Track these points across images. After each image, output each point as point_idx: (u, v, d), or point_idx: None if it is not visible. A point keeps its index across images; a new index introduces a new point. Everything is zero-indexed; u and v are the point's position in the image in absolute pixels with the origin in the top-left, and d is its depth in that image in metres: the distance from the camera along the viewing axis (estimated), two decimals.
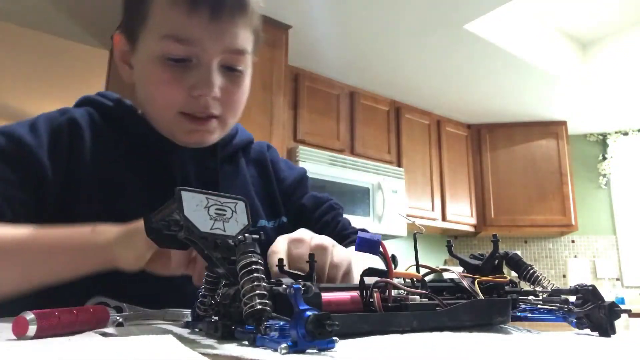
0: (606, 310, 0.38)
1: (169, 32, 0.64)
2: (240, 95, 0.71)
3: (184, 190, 0.36)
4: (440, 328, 0.37)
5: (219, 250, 0.37)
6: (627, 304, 3.76)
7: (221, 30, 0.65)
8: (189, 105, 0.67)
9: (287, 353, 0.28)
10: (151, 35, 0.66)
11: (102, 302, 0.53)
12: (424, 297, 0.41)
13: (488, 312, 0.40)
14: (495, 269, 0.47)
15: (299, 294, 0.31)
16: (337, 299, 0.38)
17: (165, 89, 0.67)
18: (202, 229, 0.35)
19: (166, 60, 0.65)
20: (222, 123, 0.71)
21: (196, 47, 0.65)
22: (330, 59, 3.05)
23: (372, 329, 0.35)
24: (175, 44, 0.64)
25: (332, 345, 0.29)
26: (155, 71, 0.66)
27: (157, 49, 0.65)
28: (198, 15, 0.63)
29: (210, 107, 0.68)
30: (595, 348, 0.33)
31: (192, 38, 0.64)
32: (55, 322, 0.37)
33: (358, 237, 0.41)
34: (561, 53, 3.36)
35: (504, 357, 0.30)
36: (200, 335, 0.39)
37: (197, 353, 0.28)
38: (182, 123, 0.69)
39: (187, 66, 0.66)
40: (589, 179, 4.25)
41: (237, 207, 0.37)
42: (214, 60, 0.66)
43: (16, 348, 0.29)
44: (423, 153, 3.69)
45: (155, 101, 0.69)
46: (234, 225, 0.37)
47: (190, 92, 0.66)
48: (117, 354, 0.27)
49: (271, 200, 0.84)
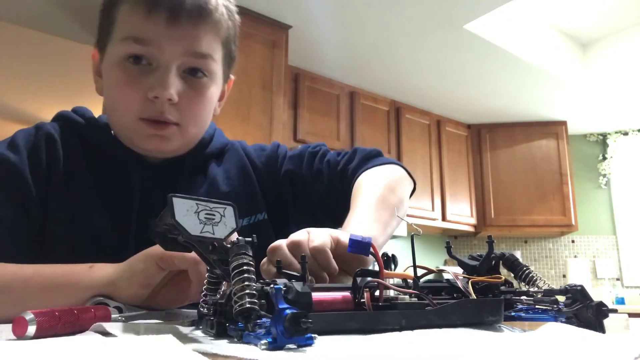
0: (593, 310, 0.39)
1: (128, 34, 0.66)
2: (202, 103, 0.70)
3: (175, 196, 0.37)
4: (429, 327, 0.38)
5: (215, 252, 0.39)
6: (627, 304, 3.76)
7: (180, 33, 0.66)
8: (147, 108, 0.67)
9: (266, 349, 0.30)
10: (114, 41, 0.68)
11: (102, 302, 0.54)
12: (414, 296, 0.42)
13: (478, 311, 0.41)
14: (492, 270, 0.48)
15: (280, 294, 0.33)
16: (328, 298, 0.39)
17: (124, 91, 0.67)
18: (193, 233, 0.37)
19: (126, 62, 0.67)
20: (182, 131, 0.70)
21: (154, 49, 0.66)
22: (330, 59, 3.05)
23: (360, 327, 0.36)
24: (133, 45, 0.66)
25: (310, 342, 0.31)
26: (117, 74, 0.68)
27: (118, 51, 0.67)
28: (156, 18, 0.65)
29: (166, 112, 0.67)
30: (574, 342, 0.33)
31: (149, 39, 0.65)
32: (55, 322, 0.37)
33: (350, 240, 0.42)
34: (561, 53, 3.36)
35: (477, 349, 0.31)
36: (201, 333, 0.40)
37: (196, 353, 0.29)
38: (141, 128, 0.68)
39: (146, 70, 0.67)
40: (589, 179, 4.25)
41: (225, 212, 0.39)
42: (172, 63, 0.67)
43: (16, 348, 0.29)
44: (423, 153, 3.69)
45: (117, 105, 0.70)
46: (223, 228, 0.39)
47: (146, 94, 0.66)
48: (117, 354, 0.28)
49: (248, 197, 0.82)
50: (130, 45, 0.66)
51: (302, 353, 0.29)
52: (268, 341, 0.30)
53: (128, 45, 0.66)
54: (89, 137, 0.76)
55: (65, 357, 0.27)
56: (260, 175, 0.85)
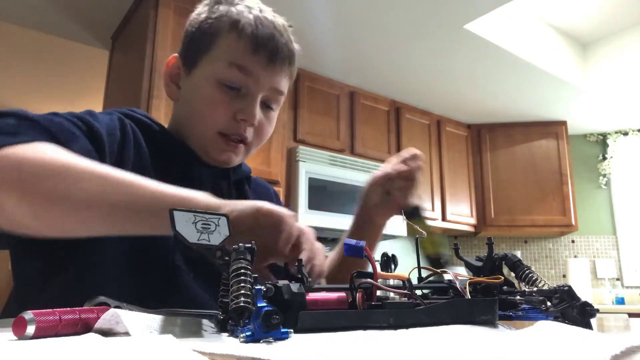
0: (578, 310, 0.40)
1: (234, 60, 0.75)
2: (269, 130, 0.83)
3: (175, 210, 0.43)
4: (419, 325, 0.39)
5: (221, 257, 0.43)
6: (627, 304, 3.76)
7: (273, 73, 0.78)
8: (230, 127, 0.77)
9: (244, 342, 0.34)
10: (215, 61, 0.77)
11: (103, 302, 0.54)
12: (404, 296, 0.44)
13: (469, 311, 0.42)
14: (494, 270, 0.49)
15: (259, 294, 0.38)
16: (323, 298, 0.42)
17: (215, 108, 0.76)
18: (191, 240, 0.42)
19: (222, 84, 0.76)
20: (247, 149, 0.82)
21: (250, 80, 0.76)
22: (330, 59, 3.06)
23: (349, 324, 0.39)
24: (237, 72, 0.75)
25: (286, 336, 0.35)
26: (210, 92, 0.76)
27: (219, 72, 0.76)
28: (260, 56, 0.76)
29: (246, 133, 0.78)
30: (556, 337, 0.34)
31: (251, 71, 0.76)
32: (55, 322, 0.37)
33: (345, 244, 0.46)
34: (561, 53, 3.37)
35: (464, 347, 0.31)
36: (212, 329, 0.44)
37: (196, 353, 0.29)
38: (217, 142, 0.78)
39: (236, 94, 0.76)
40: (589, 179, 4.25)
41: (219, 222, 0.44)
42: (259, 94, 0.78)
43: (16, 348, 0.29)
44: (423, 153, 3.69)
45: (203, 118, 0.78)
46: (217, 236, 0.43)
47: (234, 116, 0.76)
48: (117, 354, 0.28)
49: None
50: (234, 72, 0.75)
51: (271, 345, 0.33)
52: (246, 335, 0.34)
53: (232, 71, 0.75)
54: (154, 136, 0.78)
55: (64, 357, 0.27)
56: None
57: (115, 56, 2.88)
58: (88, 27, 2.86)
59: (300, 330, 0.38)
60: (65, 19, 2.76)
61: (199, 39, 0.78)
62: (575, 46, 3.52)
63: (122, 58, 2.74)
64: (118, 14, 2.65)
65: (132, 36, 2.55)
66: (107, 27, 2.81)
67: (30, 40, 3.19)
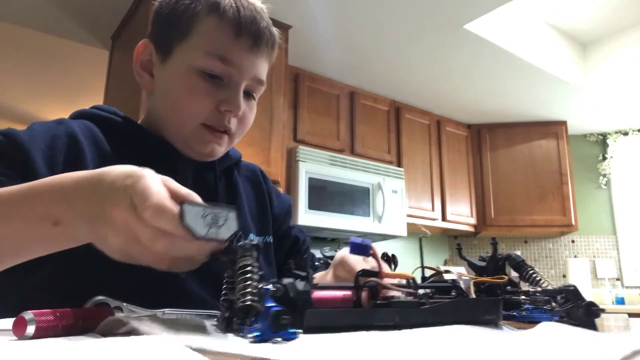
0: (584, 310, 0.40)
1: (214, 50, 0.71)
2: (252, 119, 0.80)
3: (185, 203, 0.42)
4: (423, 325, 0.39)
5: (226, 255, 0.43)
6: (627, 304, 3.76)
7: (256, 60, 0.74)
8: (214, 118, 0.73)
9: (253, 342, 0.34)
10: (194, 49, 0.72)
11: (103, 303, 0.53)
12: (409, 295, 0.44)
13: (473, 310, 0.42)
14: (498, 270, 0.49)
15: (268, 294, 0.38)
16: (329, 296, 0.42)
17: (196, 99, 0.72)
18: (199, 234, 0.41)
19: (203, 73, 0.71)
20: (231, 140, 0.78)
21: (233, 69, 0.72)
22: (330, 59, 3.06)
23: (355, 323, 0.39)
24: (218, 62, 0.71)
25: (294, 336, 0.35)
26: (190, 82, 0.71)
27: (198, 62, 0.71)
28: (243, 42, 0.71)
29: (230, 124, 0.75)
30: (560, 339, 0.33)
31: (233, 60, 0.71)
32: (55, 322, 0.37)
33: (351, 243, 0.46)
34: (561, 53, 3.37)
35: (468, 347, 0.31)
36: (216, 328, 0.43)
37: (196, 353, 0.29)
38: (201, 134, 0.74)
39: (218, 84, 0.72)
40: (589, 179, 4.25)
41: (228, 216, 0.43)
42: (243, 83, 0.74)
43: (16, 348, 0.29)
44: (423, 153, 3.69)
45: (183, 110, 0.73)
46: (226, 230, 0.43)
47: (218, 106, 0.72)
48: (117, 354, 0.27)
49: (262, 219, 0.89)
50: (214, 62, 0.71)
51: (280, 345, 0.33)
52: (255, 335, 0.34)
53: (212, 61, 0.71)
54: (126, 135, 0.76)
55: (64, 357, 0.27)
56: (272, 212, 0.93)
57: (115, 56, 2.88)
58: (88, 27, 2.86)
59: (306, 328, 0.38)
60: (65, 18, 2.76)
61: (175, 23, 0.73)
62: (575, 46, 3.52)
63: (122, 58, 2.73)
64: (118, 14, 2.65)
65: (132, 36, 2.55)
66: (107, 27, 2.80)
67: (30, 40, 3.19)
